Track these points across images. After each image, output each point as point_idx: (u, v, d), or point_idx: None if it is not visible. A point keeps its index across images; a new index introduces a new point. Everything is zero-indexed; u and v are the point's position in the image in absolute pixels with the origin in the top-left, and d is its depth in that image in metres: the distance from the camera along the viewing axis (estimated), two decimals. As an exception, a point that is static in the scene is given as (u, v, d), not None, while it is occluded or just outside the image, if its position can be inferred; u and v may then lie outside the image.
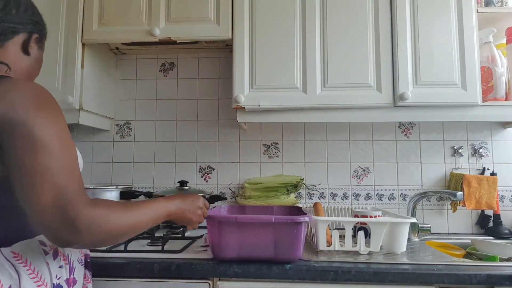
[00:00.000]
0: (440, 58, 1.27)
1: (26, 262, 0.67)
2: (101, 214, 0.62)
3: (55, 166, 0.60)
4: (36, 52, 0.82)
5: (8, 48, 0.77)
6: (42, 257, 0.71)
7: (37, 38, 0.81)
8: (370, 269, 0.92)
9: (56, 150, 0.61)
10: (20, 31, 0.78)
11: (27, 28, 0.79)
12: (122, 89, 1.71)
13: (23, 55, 0.79)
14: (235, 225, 0.95)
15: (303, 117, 1.33)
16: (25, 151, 0.59)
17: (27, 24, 0.78)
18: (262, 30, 1.33)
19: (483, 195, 1.44)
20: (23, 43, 0.79)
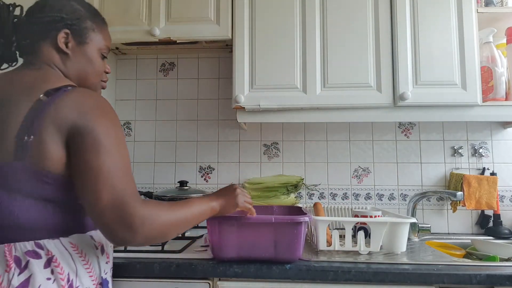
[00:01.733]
0: (440, 58, 1.27)
1: (82, 253, 0.73)
2: (153, 212, 0.68)
3: (115, 169, 0.68)
4: (76, 48, 0.81)
5: (42, 50, 0.78)
6: (94, 251, 0.76)
7: (67, 34, 0.79)
8: (370, 269, 0.92)
9: (116, 155, 0.69)
10: (47, 31, 0.78)
11: (54, 27, 0.78)
12: (122, 89, 1.71)
13: (61, 55, 0.79)
14: (235, 225, 0.95)
15: (303, 117, 1.33)
16: (91, 154, 0.67)
17: (51, 22, 0.78)
18: (262, 30, 1.33)
19: (483, 195, 1.44)
20: (54, 42, 0.78)
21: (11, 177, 0.66)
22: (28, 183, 0.67)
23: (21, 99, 0.70)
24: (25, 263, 0.66)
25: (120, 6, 1.38)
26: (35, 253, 0.67)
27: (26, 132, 0.66)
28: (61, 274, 0.68)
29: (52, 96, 0.69)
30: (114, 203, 0.65)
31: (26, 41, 0.78)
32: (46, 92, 0.70)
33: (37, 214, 0.68)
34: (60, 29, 0.79)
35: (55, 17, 0.78)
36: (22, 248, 0.67)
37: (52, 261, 0.68)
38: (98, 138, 0.68)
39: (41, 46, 0.78)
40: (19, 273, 0.65)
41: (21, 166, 0.66)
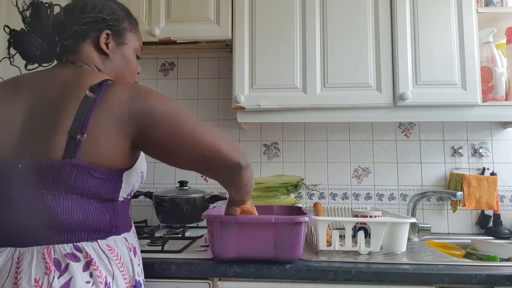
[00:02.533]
0: (440, 58, 1.27)
1: (117, 256, 0.73)
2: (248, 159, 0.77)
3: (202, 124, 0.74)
4: (116, 48, 0.83)
5: (83, 50, 0.79)
6: (128, 253, 0.77)
7: (108, 35, 0.81)
8: (370, 269, 0.92)
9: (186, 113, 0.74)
10: (88, 32, 0.79)
11: (94, 27, 0.79)
12: (122, 89, 1.71)
13: (101, 55, 0.81)
14: (235, 225, 0.95)
15: (303, 117, 1.33)
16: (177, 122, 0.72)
17: (93, 23, 0.78)
18: (262, 30, 1.33)
19: (483, 195, 1.44)
20: (95, 42, 0.80)
21: (57, 176, 0.66)
22: (74, 178, 0.67)
23: (66, 97, 0.70)
24: (65, 266, 0.65)
25: (120, 6, 1.38)
26: (74, 256, 0.67)
27: (79, 129, 0.67)
28: (100, 278, 0.68)
29: (97, 91, 0.70)
30: (229, 142, 0.74)
31: (68, 42, 0.77)
32: (91, 88, 0.70)
33: (79, 214, 0.68)
34: (102, 30, 0.80)
35: (97, 17, 0.79)
36: (61, 251, 0.66)
37: (91, 264, 0.68)
38: (171, 110, 0.72)
39: (82, 46, 0.79)
40: (59, 275, 0.64)
41: (70, 163, 0.66)
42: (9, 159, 0.68)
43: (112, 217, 0.75)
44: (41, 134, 0.68)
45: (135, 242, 0.83)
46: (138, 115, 0.70)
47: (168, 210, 1.38)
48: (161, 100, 0.72)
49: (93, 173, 0.68)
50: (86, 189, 0.69)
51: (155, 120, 0.70)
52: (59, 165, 0.66)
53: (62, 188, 0.67)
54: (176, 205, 1.37)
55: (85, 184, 0.68)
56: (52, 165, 0.66)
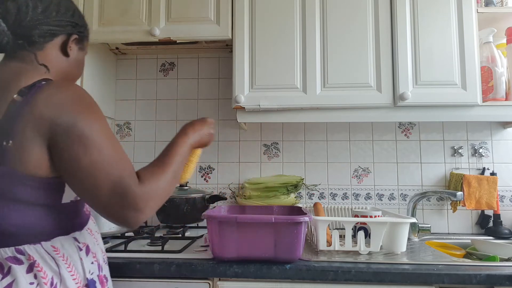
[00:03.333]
0: (440, 58, 1.27)
1: (64, 256, 0.72)
2: (153, 185, 0.70)
3: (107, 160, 0.67)
4: (76, 53, 0.83)
5: (47, 50, 0.78)
6: (77, 253, 0.75)
7: (76, 40, 0.82)
8: (370, 269, 0.92)
9: (105, 146, 0.67)
10: (59, 33, 0.79)
11: (66, 30, 0.79)
12: (122, 89, 1.71)
13: (62, 57, 0.80)
14: (235, 225, 0.95)
15: (303, 117, 1.33)
16: (79, 151, 0.65)
17: (66, 26, 0.79)
18: (262, 30, 1.33)
19: (483, 195, 1.44)
20: (62, 44, 0.80)
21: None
22: (9, 187, 0.65)
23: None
24: (7, 269, 0.65)
25: (120, 6, 1.38)
26: (16, 259, 0.67)
27: (6, 136, 0.64)
28: (44, 279, 0.67)
29: (26, 95, 0.66)
30: (115, 194, 0.66)
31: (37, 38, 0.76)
32: (20, 91, 0.67)
33: (19, 219, 0.67)
34: (71, 34, 0.81)
35: (71, 22, 0.80)
36: (2, 254, 0.66)
37: (34, 266, 0.67)
38: (82, 133, 0.65)
39: (48, 45, 0.78)
40: (2, 278, 0.64)
41: (2, 171, 0.64)
42: None
43: (56, 219, 0.72)
44: None
45: (89, 240, 0.80)
46: (56, 129, 0.65)
47: (168, 210, 1.38)
48: (87, 122, 0.66)
49: (27, 182, 0.66)
50: (25, 197, 0.66)
51: (69, 143, 0.65)
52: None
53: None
54: (176, 205, 1.37)
55: (22, 192, 0.66)
56: None
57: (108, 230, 1.18)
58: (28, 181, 0.66)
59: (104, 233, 1.17)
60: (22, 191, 0.66)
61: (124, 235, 1.27)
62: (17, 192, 0.66)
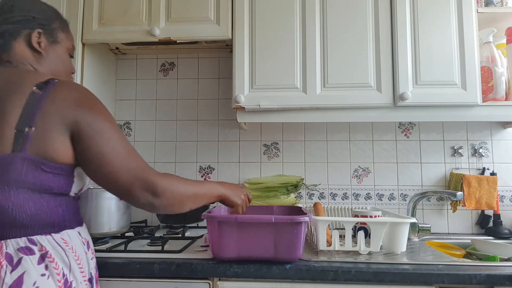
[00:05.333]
0: (440, 58, 1.27)
1: (73, 249, 0.74)
2: (171, 181, 0.79)
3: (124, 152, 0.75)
4: (49, 47, 0.83)
5: (15, 49, 0.79)
6: (82, 247, 0.78)
7: (40, 33, 0.81)
8: (370, 269, 0.92)
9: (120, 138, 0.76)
10: (20, 30, 0.79)
11: (25, 26, 0.80)
12: (122, 89, 1.71)
13: (34, 53, 0.81)
14: (235, 225, 0.95)
15: (303, 117, 1.33)
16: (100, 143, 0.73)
17: (23, 22, 0.79)
18: (262, 30, 1.33)
19: (483, 195, 1.44)
20: (27, 41, 0.80)
21: (7, 170, 0.66)
22: (25, 172, 0.67)
23: (11, 94, 0.70)
24: (17, 260, 0.65)
25: (120, 6, 1.38)
26: (28, 249, 0.67)
27: (27, 123, 0.68)
28: (56, 269, 0.68)
29: (44, 89, 0.71)
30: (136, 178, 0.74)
31: None
32: (37, 85, 0.72)
33: (31, 208, 0.69)
34: (33, 29, 0.81)
35: (27, 16, 0.80)
36: (14, 245, 0.66)
37: (46, 257, 0.68)
38: (101, 128, 0.73)
39: (14, 45, 0.79)
40: (12, 270, 0.64)
41: (20, 156, 0.67)
42: None
43: (65, 211, 0.75)
44: None
45: (88, 237, 0.83)
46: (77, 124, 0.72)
47: (168, 210, 1.38)
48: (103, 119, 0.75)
49: (43, 167, 0.69)
50: (38, 183, 0.69)
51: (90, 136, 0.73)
52: (8, 158, 0.66)
53: (13, 182, 0.67)
54: (176, 205, 1.37)
55: (36, 178, 0.68)
56: (1, 158, 0.66)
57: (108, 230, 1.18)
58: (44, 166, 0.69)
59: (104, 233, 1.17)
60: (40, 178, 0.69)
61: (124, 235, 1.27)
62: (35, 179, 0.68)
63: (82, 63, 1.40)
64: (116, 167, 0.74)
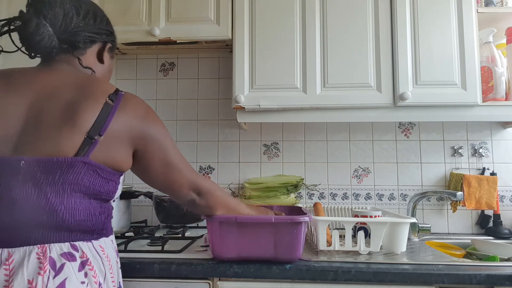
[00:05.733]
0: (440, 58, 1.27)
1: (108, 257, 0.75)
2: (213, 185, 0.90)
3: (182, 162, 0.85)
4: (108, 60, 0.90)
5: (87, 55, 0.83)
6: (115, 256, 0.79)
7: (110, 48, 0.88)
8: (370, 269, 0.92)
9: (177, 151, 0.85)
10: (97, 41, 0.84)
11: (102, 38, 0.85)
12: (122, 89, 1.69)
13: (98, 63, 0.86)
14: (235, 225, 0.95)
15: (303, 117, 1.33)
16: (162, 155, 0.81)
17: (102, 34, 0.84)
18: (262, 30, 1.33)
19: (483, 195, 1.44)
20: (98, 51, 0.86)
21: (66, 172, 0.67)
22: (82, 176, 0.69)
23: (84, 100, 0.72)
24: (60, 265, 0.64)
25: (120, 6, 1.38)
26: (71, 255, 0.67)
27: (98, 131, 0.70)
28: (95, 278, 0.68)
29: (115, 100, 0.75)
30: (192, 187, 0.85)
31: (80, 44, 0.80)
32: (110, 96, 0.75)
33: (81, 214, 0.69)
34: (107, 42, 0.87)
35: (107, 31, 0.86)
36: (58, 250, 0.66)
37: (86, 264, 0.68)
38: (163, 142, 0.81)
39: (88, 51, 0.83)
40: (55, 275, 0.63)
41: (83, 161, 0.68)
42: (9, 155, 0.66)
43: (106, 219, 0.77)
44: (50, 132, 0.68)
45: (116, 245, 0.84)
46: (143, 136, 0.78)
47: (168, 210, 1.38)
48: (163, 131, 0.82)
49: (100, 172, 0.71)
50: (91, 188, 0.71)
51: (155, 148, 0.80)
52: (70, 162, 0.67)
53: (68, 185, 0.67)
54: (176, 205, 1.37)
55: (91, 182, 0.70)
56: (63, 161, 0.67)
57: (108, 230, 1.17)
58: (104, 172, 0.72)
59: (104, 233, 1.17)
60: (94, 182, 0.71)
61: (124, 235, 1.27)
62: (89, 183, 0.70)
63: (82, 63, 1.40)
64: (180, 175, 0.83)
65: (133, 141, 0.76)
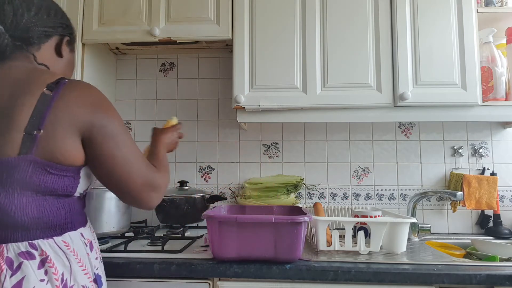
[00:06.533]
0: (440, 58, 1.27)
1: (74, 251, 0.74)
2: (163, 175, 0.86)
3: (135, 156, 0.79)
4: (68, 54, 0.88)
5: (43, 51, 0.81)
6: (84, 248, 0.78)
7: (68, 41, 0.87)
8: (370, 269, 0.92)
9: (131, 143, 0.79)
10: (53, 34, 0.83)
11: (59, 31, 0.84)
12: (122, 89, 1.71)
13: (57, 57, 0.85)
14: (235, 225, 0.95)
15: (303, 117, 1.33)
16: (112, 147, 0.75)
17: (58, 27, 0.83)
18: (262, 30, 1.33)
19: (483, 195, 1.44)
20: (56, 45, 0.84)
21: (12, 172, 0.66)
22: (30, 175, 0.67)
23: (22, 94, 0.69)
24: (17, 265, 0.65)
25: (120, 6, 1.38)
26: (29, 253, 0.67)
27: (37, 125, 0.67)
28: (55, 275, 0.68)
29: (54, 90, 0.71)
30: (146, 182, 0.80)
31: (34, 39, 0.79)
32: (48, 86, 0.71)
33: (34, 211, 0.68)
34: (64, 35, 0.85)
35: (63, 24, 0.84)
36: (15, 249, 0.66)
37: (46, 262, 0.68)
38: (114, 133, 0.75)
39: (44, 46, 0.81)
40: (11, 275, 0.64)
41: (25, 159, 0.66)
42: None
43: (68, 213, 0.75)
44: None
45: (91, 237, 0.83)
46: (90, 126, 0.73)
47: (168, 210, 1.38)
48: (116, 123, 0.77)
49: (49, 169, 0.69)
50: (43, 186, 0.69)
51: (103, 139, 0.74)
52: (14, 162, 0.66)
53: (17, 185, 0.66)
54: (176, 205, 1.38)
55: (41, 180, 0.68)
56: (7, 162, 0.66)
57: (108, 230, 1.18)
58: (50, 168, 0.69)
59: (104, 233, 1.17)
60: (44, 180, 0.69)
61: (124, 235, 1.27)
62: (39, 181, 0.68)
63: (82, 63, 1.40)
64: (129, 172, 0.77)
65: (79, 131, 0.72)
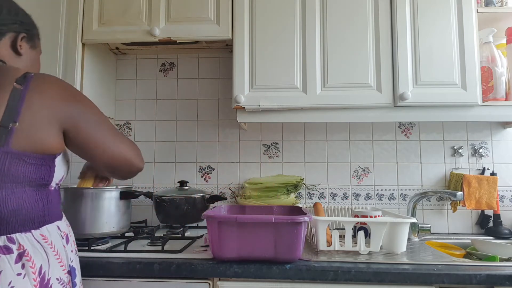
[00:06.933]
0: (440, 58, 1.27)
1: (51, 244, 0.76)
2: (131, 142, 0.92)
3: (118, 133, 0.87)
4: (28, 52, 0.87)
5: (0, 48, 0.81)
6: (61, 241, 0.79)
7: (25, 38, 0.85)
8: (370, 269, 0.92)
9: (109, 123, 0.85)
10: (6, 32, 0.82)
11: (12, 28, 0.83)
12: (122, 89, 1.71)
13: (15, 55, 0.84)
14: (235, 225, 0.95)
15: (303, 117, 1.33)
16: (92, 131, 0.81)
17: (11, 24, 0.83)
18: (262, 30, 1.33)
19: (483, 195, 1.44)
20: (12, 43, 0.83)
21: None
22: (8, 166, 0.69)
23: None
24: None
25: (120, 6, 1.38)
26: (7, 248, 0.68)
27: (12, 118, 0.69)
28: (33, 268, 0.69)
29: (24, 83, 0.73)
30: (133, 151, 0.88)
31: None
32: (17, 80, 0.73)
33: (13, 203, 0.70)
34: (19, 32, 0.84)
35: (16, 20, 0.84)
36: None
37: (23, 255, 0.69)
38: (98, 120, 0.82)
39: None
40: None
41: (3, 151, 0.68)
42: None
43: (46, 205, 0.77)
44: None
45: (67, 230, 0.85)
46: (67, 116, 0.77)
47: (168, 210, 1.38)
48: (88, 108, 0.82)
49: (26, 159, 0.71)
50: (21, 176, 0.71)
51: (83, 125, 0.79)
52: None
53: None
54: (176, 205, 1.38)
55: (19, 171, 0.70)
56: None
57: (108, 230, 1.18)
58: (28, 158, 0.71)
59: (104, 233, 1.17)
60: (22, 170, 0.71)
61: (124, 235, 1.27)
62: (17, 171, 0.70)
63: (82, 63, 1.40)
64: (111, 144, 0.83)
65: (60, 122, 0.76)
